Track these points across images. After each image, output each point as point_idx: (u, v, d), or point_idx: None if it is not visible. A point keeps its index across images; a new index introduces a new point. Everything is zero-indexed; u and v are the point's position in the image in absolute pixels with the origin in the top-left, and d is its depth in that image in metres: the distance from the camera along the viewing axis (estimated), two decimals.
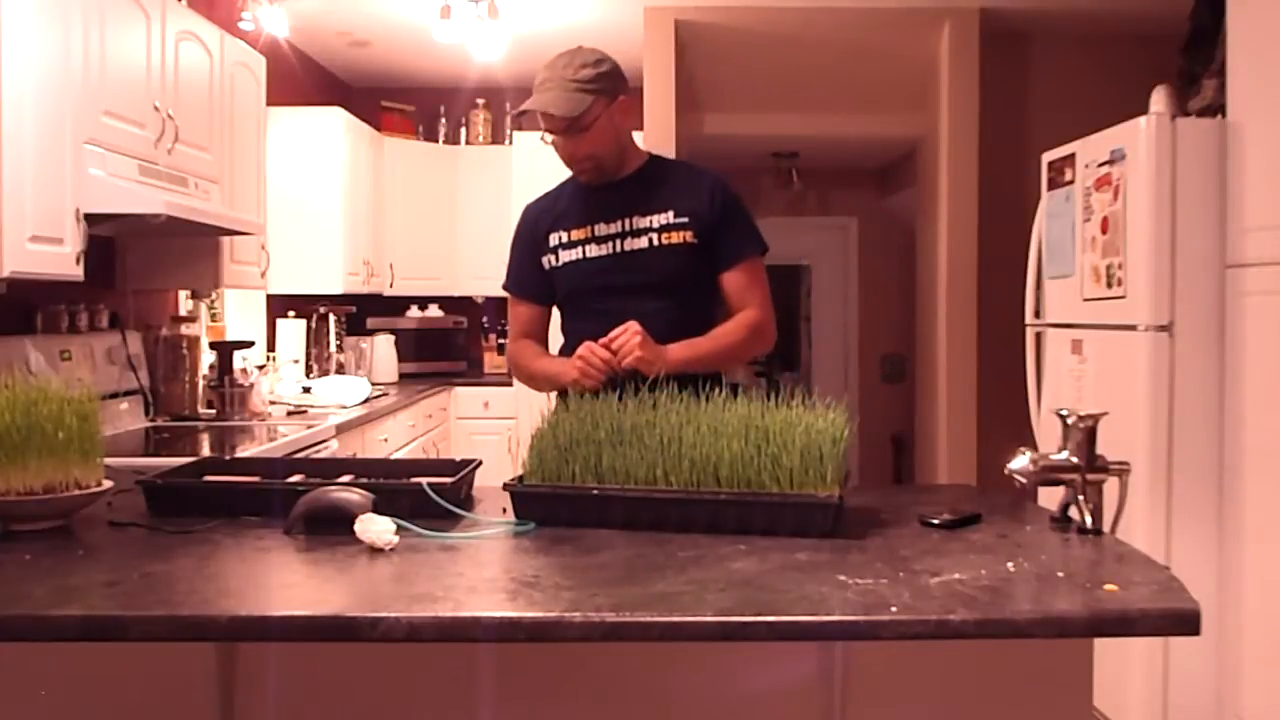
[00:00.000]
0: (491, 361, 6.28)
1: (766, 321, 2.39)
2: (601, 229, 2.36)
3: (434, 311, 6.17)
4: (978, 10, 4.96)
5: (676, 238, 2.33)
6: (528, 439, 1.88)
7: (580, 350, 2.17)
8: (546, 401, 2.12)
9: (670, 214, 2.34)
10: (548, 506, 1.78)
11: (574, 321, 2.44)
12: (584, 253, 2.36)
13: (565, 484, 1.80)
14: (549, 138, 2.30)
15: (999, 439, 2.81)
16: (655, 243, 2.33)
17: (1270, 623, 2.95)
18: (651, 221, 2.34)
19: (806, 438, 1.74)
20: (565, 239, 2.38)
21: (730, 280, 2.38)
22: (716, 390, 1.92)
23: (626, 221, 2.35)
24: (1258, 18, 3.03)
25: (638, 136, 5.41)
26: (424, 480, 1.81)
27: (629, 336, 2.14)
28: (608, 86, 2.28)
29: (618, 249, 2.35)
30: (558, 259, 2.39)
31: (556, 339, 2.48)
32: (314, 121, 5.09)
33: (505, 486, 1.82)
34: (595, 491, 1.77)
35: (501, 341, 6.26)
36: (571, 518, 1.76)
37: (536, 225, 2.45)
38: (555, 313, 2.51)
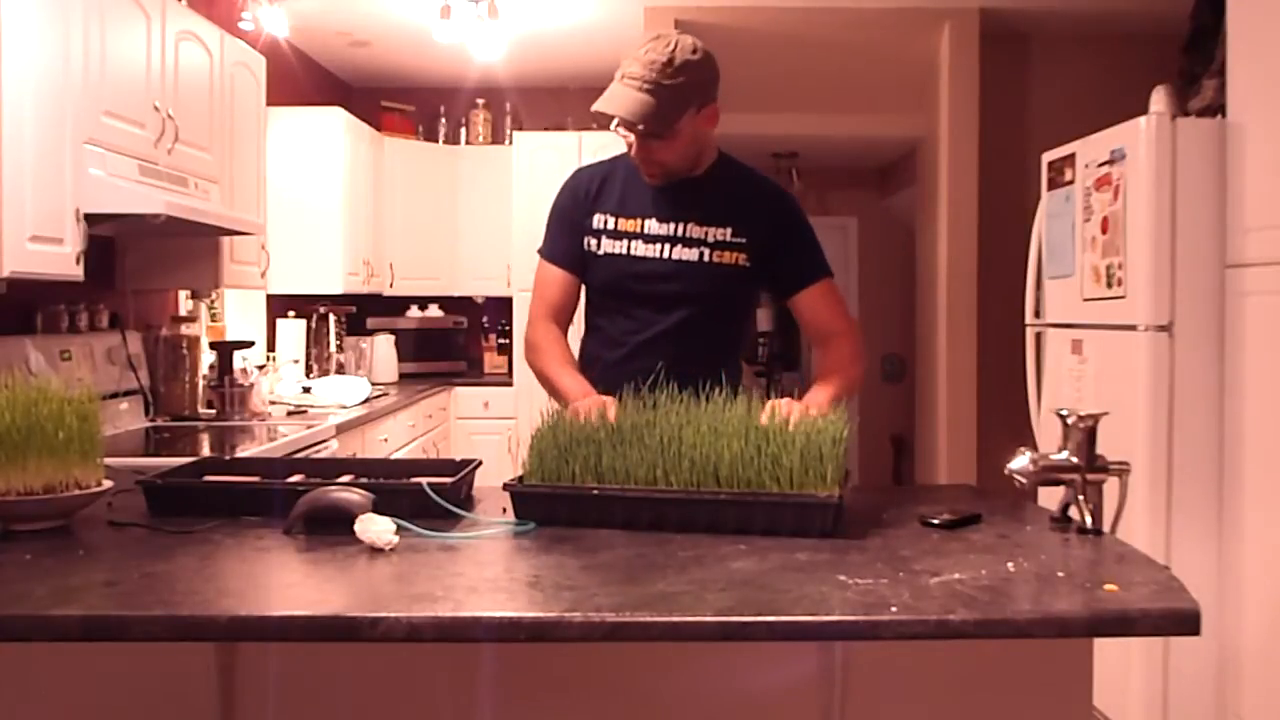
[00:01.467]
0: (491, 361, 6.28)
1: (862, 349, 2.25)
2: (654, 227, 2.19)
3: (434, 311, 6.18)
4: (978, 10, 4.97)
5: (729, 258, 2.18)
6: (528, 439, 1.87)
7: (596, 403, 1.94)
8: (547, 402, 2.11)
9: (728, 231, 2.18)
10: (547, 506, 1.78)
11: (603, 316, 2.29)
12: (629, 249, 2.20)
13: (565, 484, 1.80)
14: (621, 130, 2.10)
15: (999, 439, 2.82)
16: (706, 258, 2.18)
17: (1270, 623, 2.95)
18: (707, 234, 2.18)
19: (806, 438, 1.73)
20: (612, 226, 2.21)
21: (807, 302, 2.23)
22: (716, 390, 1.89)
23: (681, 227, 2.18)
24: (1258, 18, 3.03)
25: None
26: (424, 480, 1.81)
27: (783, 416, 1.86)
28: (700, 94, 2.08)
29: (666, 254, 2.19)
30: (598, 246, 2.22)
31: (576, 331, 2.33)
32: (314, 121, 5.10)
33: (505, 486, 1.82)
34: (595, 491, 1.76)
35: (502, 341, 6.26)
36: (571, 518, 1.76)
37: (584, 198, 2.25)
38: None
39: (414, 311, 6.15)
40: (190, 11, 3.59)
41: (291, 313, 5.17)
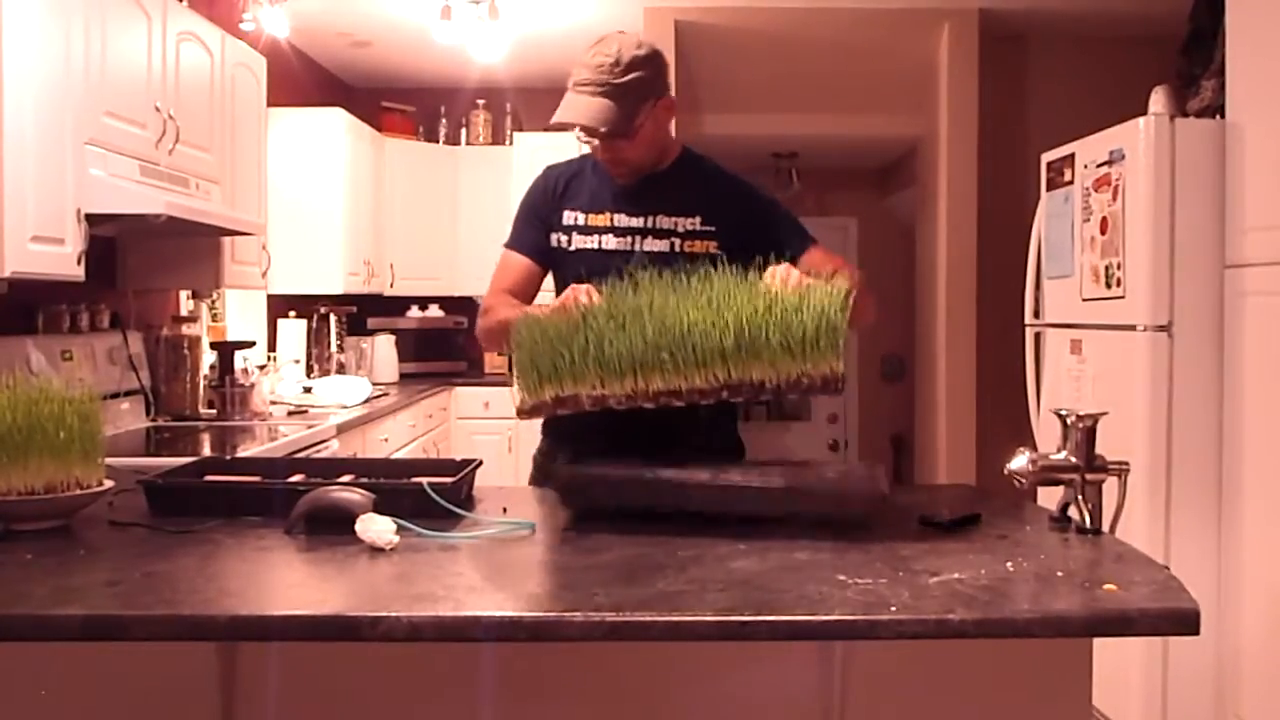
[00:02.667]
0: (492, 361, 6.28)
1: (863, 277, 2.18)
2: (622, 220, 2.20)
3: (434, 311, 6.18)
4: (977, 11, 4.97)
5: (700, 247, 2.17)
6: (529, 440, 1.85)
7: (581, 291, 1.91)
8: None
9: (697, 220, 2.19)
10: (594, 494, 1.72)
11: None
12: (600, 243, 2.21)
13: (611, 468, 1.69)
14: (582, 135, 2.12)
15: (999, 439, 2.82)
16: (677, 248, 2.18)
17: (1270, 623, 2.95)
18: (677, 225, 2.19)
19: (814, 300, 1.66)
20: (582, 222, 2.22)
21: (809, 263, 2.13)
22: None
23: (651, 219, 2.20)
24: (1257, 18, 3.03)
25: None
26: (424, 480, 1.81)
27: (784, 283, 1.85)
28: (654, 88, 2.11)
29: (637, 246, 2.19)
30: (569, 241, 2.23)
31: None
32: (314, 122, 5.10)
33: (548, 480, 1.78)
34: (648, 475, 1.70)
35: None
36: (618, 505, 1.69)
37: (553, 193, 2.28)
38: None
39: (414, 311, 6.15)
40: (191, 12, 3.59)
41: (292, 313, 5.17)
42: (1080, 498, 1.74)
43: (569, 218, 2.24)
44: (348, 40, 5.44)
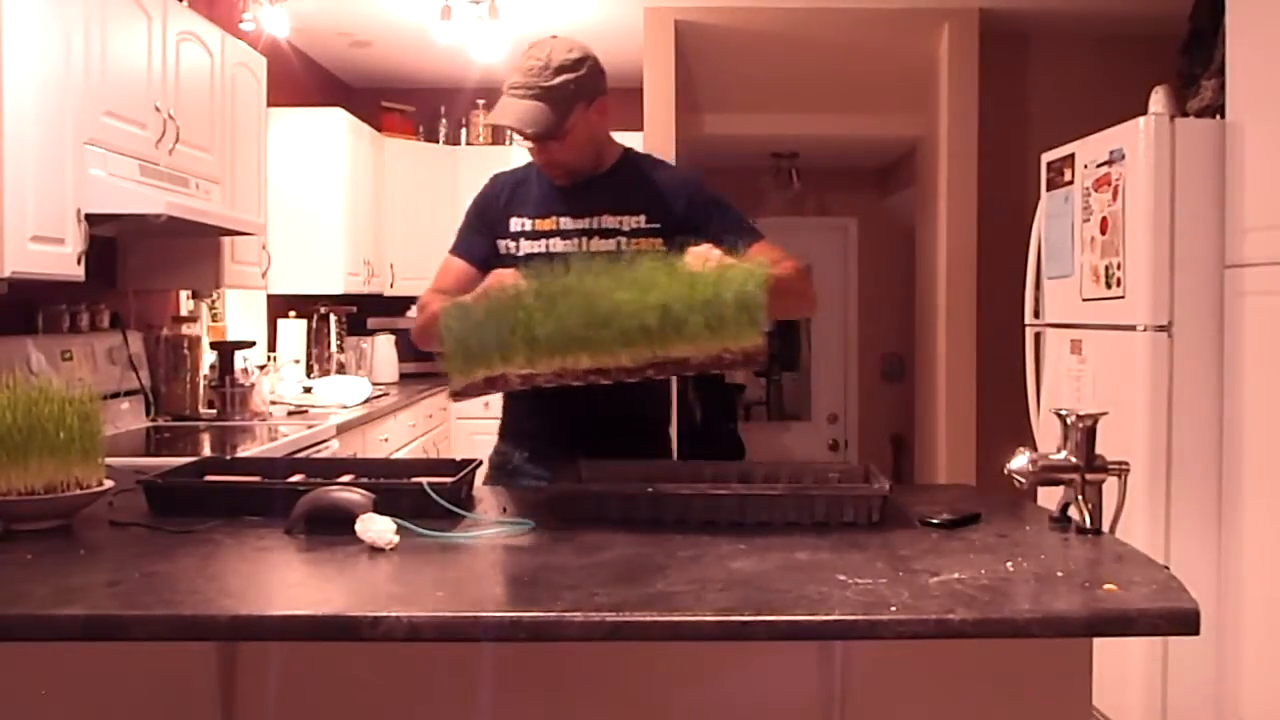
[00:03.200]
0: None
1: (809, 278, 2.26)
2: (568, 223, 2.23)
3: None
4: (977, 10, 4.97)
5: (646, 244, 2.19)
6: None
7: (508, 274, 1.98)
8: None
9: (642, 218, 2.22)
10: (594, 507, 1.76)
11: None
12: (548, 247, 2.23)
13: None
14: (518, 138, 2.18)
15: (999, 439, 2.81)
16: (624, 247, 2.20)
17: (1270, 623, 2.95)
18: (622, 223, 2.22)
19: (734, 280, 1.73)
20: (529, 228, 2.25)
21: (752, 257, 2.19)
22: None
23: (596, 220, 2.23)
24: (1257, 18, 3.04)
25: (622, 136, 5.42)
26: (424, 480, 1.81)
27: (707, 252, 1.92)
28: (585, 91, 2.14)
29: (583, 247, 2.22)
30: (519, 247, 2.25)
31: None
32: (314, 122, 5.10)
33: (559, 489, 1.80)
34: (650, 490, 1.74)
35: None
36: (624, 518, 1.72)
37: (499, 201, 2.32)
38: None
39: (414, 311, 6.13)
40: (191, 12, 3.59)
41: (292, 313, 5.17)
42: (1080, 498, 1.74)
43: (516, 224, 2.27)
44: (348, 40, 5.44)
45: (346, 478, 1.94)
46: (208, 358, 4.02)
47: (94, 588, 1.42)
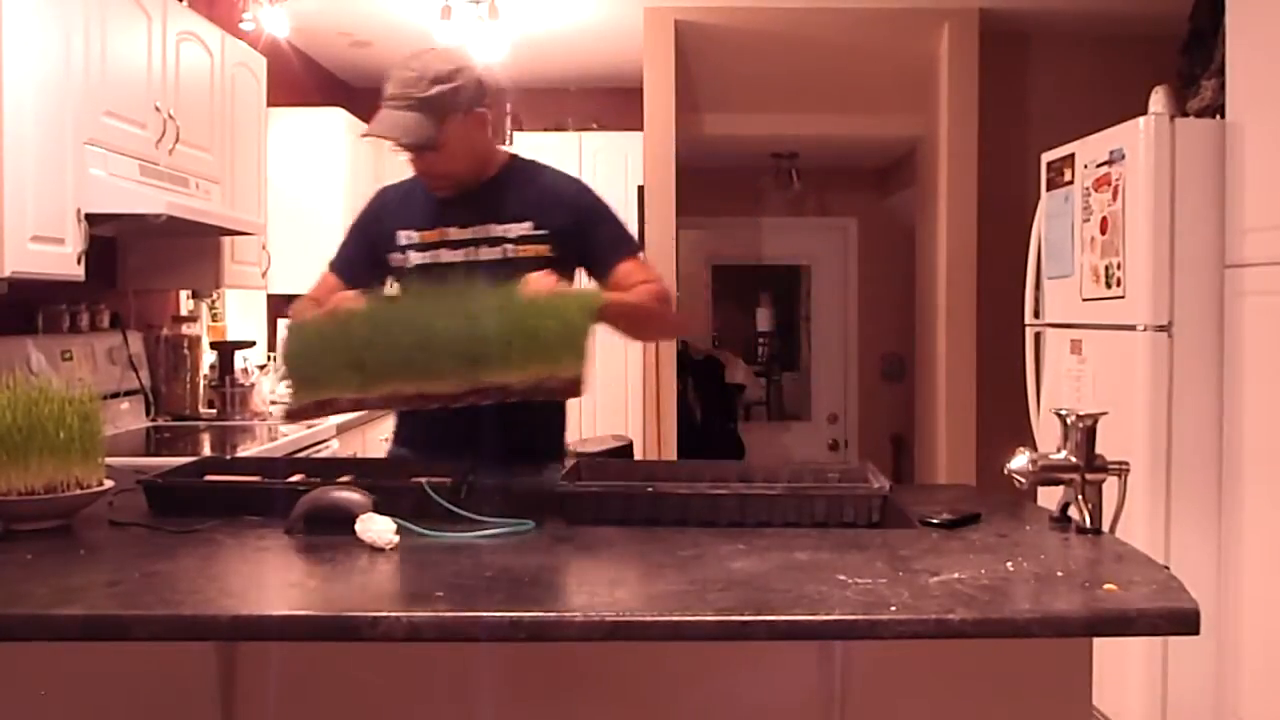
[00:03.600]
0: None
1: (668, 292, 2.27)
2: (455, 234, 2.23)
3: None
4: (978, 10, 4.97)
5: (531, 251, 2.19)
6: None
7: (344, 298, 2.01)
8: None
9: (528, 225, 2.21)
10: (598, 507, 1.77)
11: None
12: (436, 257, 2.23)
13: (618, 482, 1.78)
14: (394, 148, 2.17)
15: (999, 439, 2.81)
16: (509, 254, 2.20)
17: (1270, 623, 2.95)
18: (507, 231, 2.21)
19: (559, 310, 1.78)
20: (417, 240, 2.24)
21: (620, 275, 2.23)
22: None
23: (482, 229, 2.22)
24: (1257, 18, 3.04)
25: (622, 136, 5.44)
26: (423, 480, 1.81)
27: (541, 280, 1.94)
28: (462, 102, 2.13)
29: (471, 257, 2.22)
30: (407, 260, 2.25)
31: None
32: (315, 122, 5.09)
33: (558, 489, 1.81)
34: (650, 490, 1.76)
35: None
36: (622, 517, 1.74)
37: (386, 214, 2.31)
38: None
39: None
40: (191, 12, 3.59)
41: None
42: (1080, 498, 1.74)
43: (403, 237, 2.27)
44: (348, 40, 5.43)
45: (346, 478, 1.94)
46: (208, 358, 4.02)
47: (94, 588, 1.42)
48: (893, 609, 1.30)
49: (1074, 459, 1.75)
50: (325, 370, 1.79)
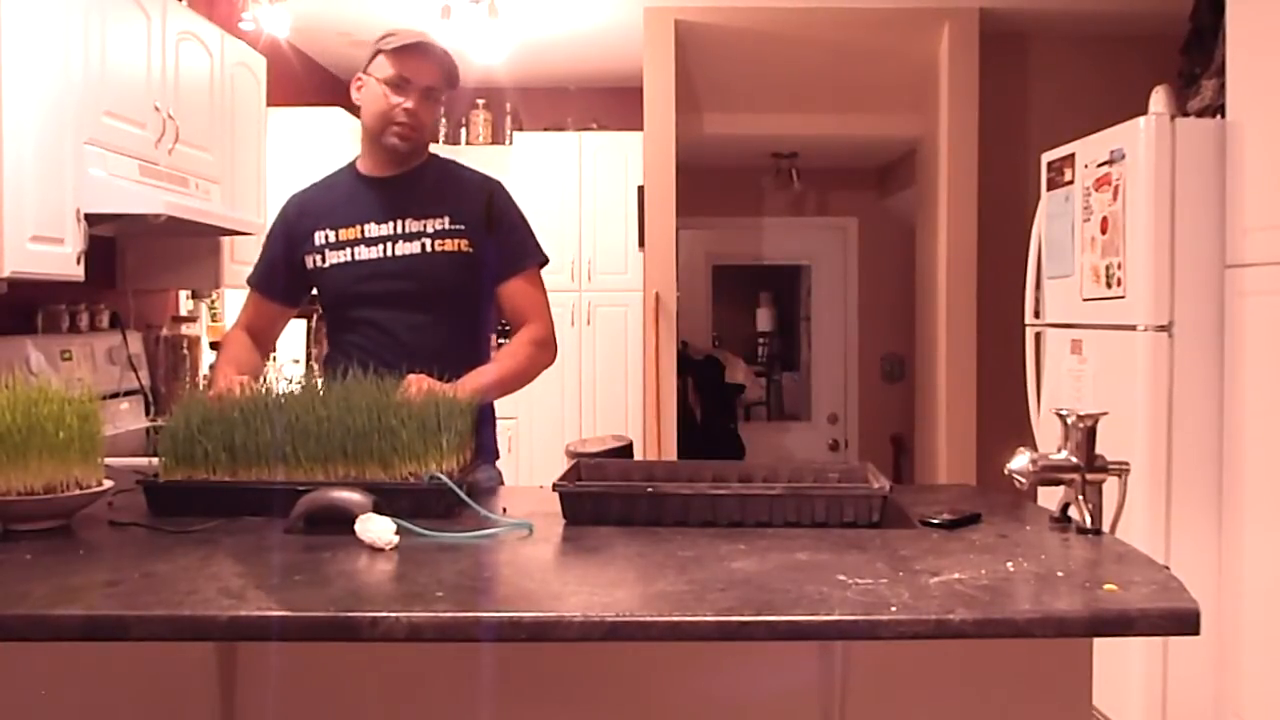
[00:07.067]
0: None
1: (549, 335, 2.32)
2: (373, 230, 2.23)
3: None
4: (978, 10, 4.97)
5: (451, 245, 2.22)
6: (527, 435, 1.90)
7: (229, 384, 2.03)
8: (519, 399, 2.15)
9: (446, 220, 2.24)
10: (598, 506, 1.78)
11: (341, 333, 2.32)
12: (353, 255, 2.23)
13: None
14: (393, 96, 2.21)
15: (999, 439, 2.81)
16: (428, 249, 2.22)
17: (1270, 623, 2.95)
18: (426, 226, 2.23)
19: (425, 411, 1.82)
20: (333, 239, 2.25)
21: (507, 293, 2.29)
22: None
23: (400, 223, 2.23)
24: (1257, 18, 3.03)
25: (622, 136, 5.44)
26: (425, 475, 1.81)
27: (416, 393, 1.94)
28: (457, 75, 2.32)
29: (389, 253, 2.23)
30: (324, 260, 2.26)
31: (286, 343, 2.38)
32: (314, 121, 5.08)
33: (555, 487, 1.82)
34: (650, 490, 1.77)
35: (502, 341, 6.24)
36: (622, 517, 1.76)
37: (300, 219, 2.31)
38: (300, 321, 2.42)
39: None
40: (191, 12, 3.59)
41: None
42: (1080, 498, 1.73)
43: (320, 238, 2.27)
44: (348, 40, 5.43)
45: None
46: (207, 357, 4.02)
47: (93, 587, 1.42)
48: (893, 609, 1.30)
49: (1074, 459, 1.75)
50: (198, 451, 1.84)
